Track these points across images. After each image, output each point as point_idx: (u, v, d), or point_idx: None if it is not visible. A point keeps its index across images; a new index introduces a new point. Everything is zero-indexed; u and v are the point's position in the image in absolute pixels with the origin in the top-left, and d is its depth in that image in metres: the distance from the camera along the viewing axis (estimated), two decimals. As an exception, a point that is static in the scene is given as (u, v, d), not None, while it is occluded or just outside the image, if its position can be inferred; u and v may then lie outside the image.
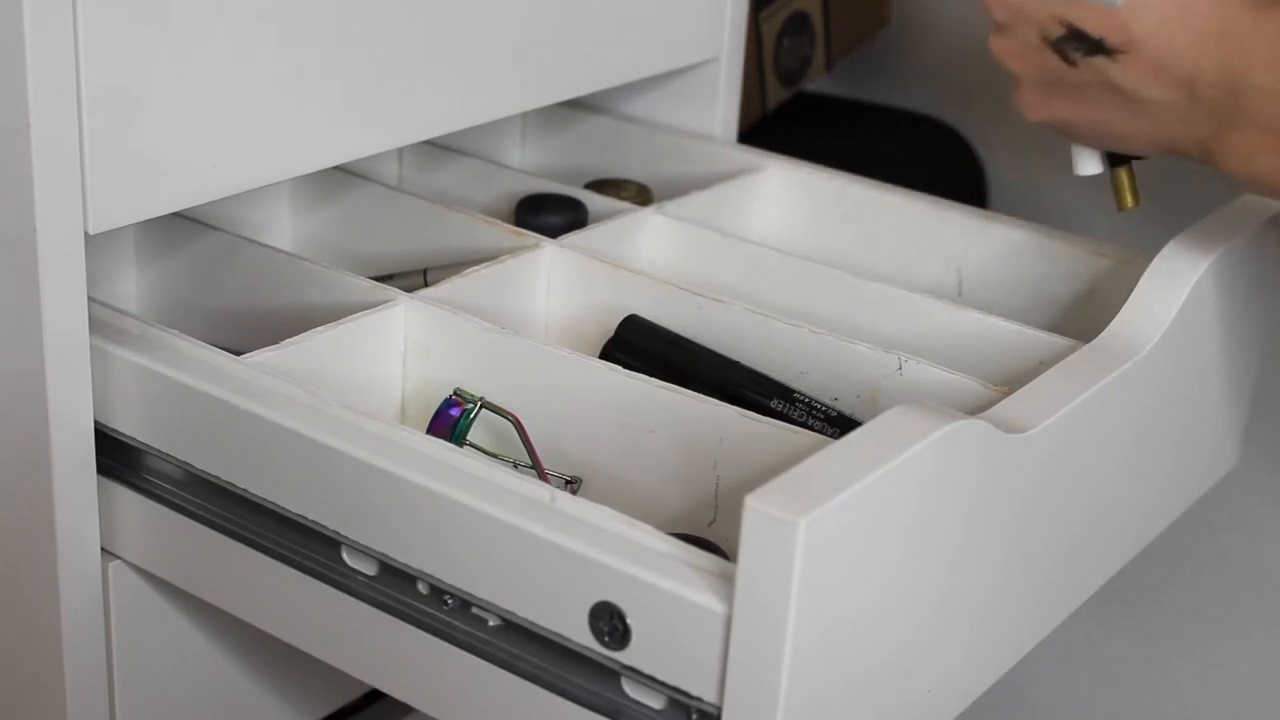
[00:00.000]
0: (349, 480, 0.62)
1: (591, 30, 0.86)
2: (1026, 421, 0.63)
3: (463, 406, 0.71)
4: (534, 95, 0.84)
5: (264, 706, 0.78)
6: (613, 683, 0.57)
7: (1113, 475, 0.71)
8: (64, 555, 0.68)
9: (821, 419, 0.73)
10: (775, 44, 1.16)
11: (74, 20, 0.62)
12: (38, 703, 0.71)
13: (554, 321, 0.81)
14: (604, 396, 0.71)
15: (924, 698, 0.62)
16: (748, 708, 0.53)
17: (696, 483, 0.69)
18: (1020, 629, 0.68)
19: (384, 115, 0.76)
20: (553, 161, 1.00)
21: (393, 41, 0.75)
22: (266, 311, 0.79)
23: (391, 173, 0.94)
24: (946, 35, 1.34)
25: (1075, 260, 0.83)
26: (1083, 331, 0.76)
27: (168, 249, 0.83)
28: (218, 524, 0.67)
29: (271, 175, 0.72)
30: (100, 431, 0.68)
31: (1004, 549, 0.64)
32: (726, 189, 0.90)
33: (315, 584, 0.64)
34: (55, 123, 0.62)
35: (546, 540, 0.57)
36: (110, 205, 0.65)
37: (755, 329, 0.76)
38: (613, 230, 0.84)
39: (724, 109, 0.97)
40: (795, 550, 0.51)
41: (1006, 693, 0.99)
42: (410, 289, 0.76)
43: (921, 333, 0.78)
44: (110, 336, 0.69)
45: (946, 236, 0.86)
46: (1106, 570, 0.75)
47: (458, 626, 0.61)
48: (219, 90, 0.68)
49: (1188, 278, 0.72)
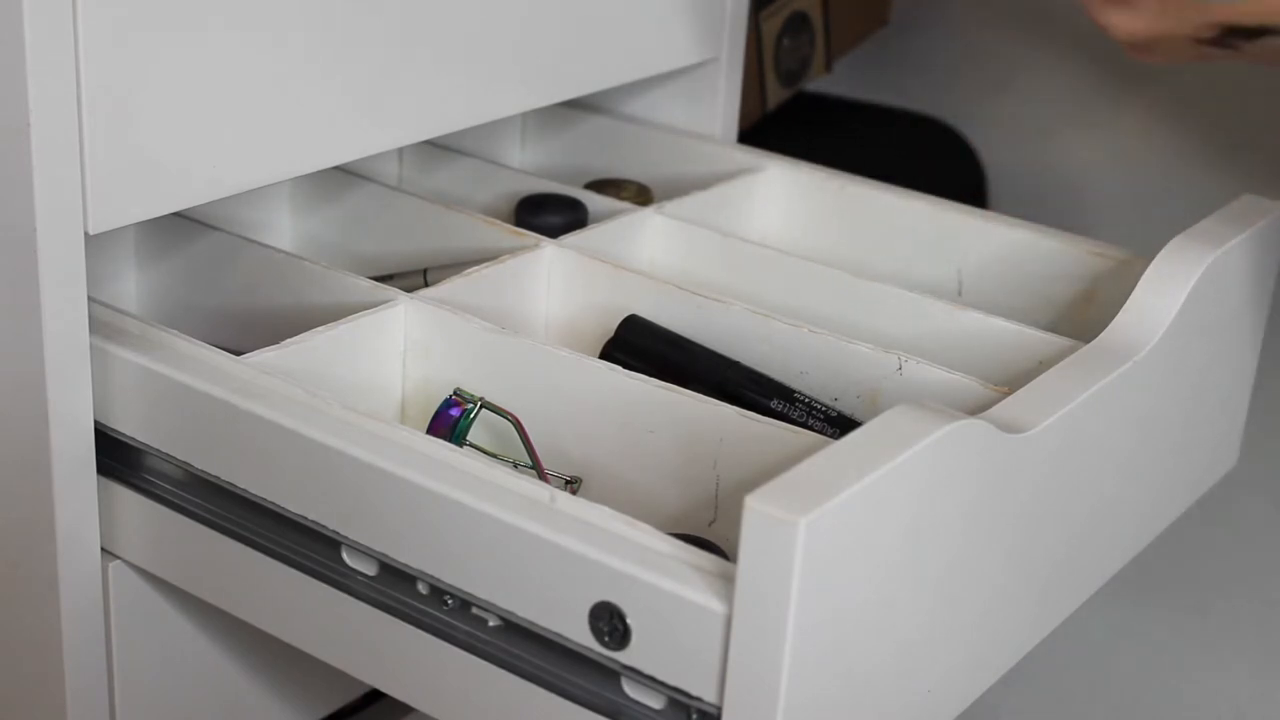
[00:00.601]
0: (349, 480, 0.62)
1: (591, 30, 0.86)
2: (1026, 421, 0.63)
3: (463, 406, 0.71)
4: (534, 95, 0.84)
5: (264, 706, 0.78)
6: (613, 683, 0.57)
7: (1113, 475, 0.71)
8: (64, 555, 0.68)
9: (821, 419, 0.73)
10: (775, 44, 1.16)
11: (74, 20, 0.62)
12: (38, 703, 0.71)
13: (554, 321, 0.81)
14: (604, 396, 0.71)
15: (924, 698, 0.62)
16: (748, 708, 0.53)
17: (696, 483, 0.69)
18: (1020, 629, 0.68)
19: (384, 115, 0.76)
20: (553, 161, 1.00)
21: (393, 41, 0.75)
22: (266, 311, 0.79)
23: (391, 173, 0.94)
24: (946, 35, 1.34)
25: (1075, 260, 0.83)
26: (1083, 331, 0.76)
27: (168, 249, 0.83)
28: (218, 524, 0.67)
29: (271, 175, 0.72)
30: (100, 431, 0.68)
31: (1004, 549, 0.64)
32: (726, 189, 0.90)
33: (315, 584, 0.64)
34: (55, 123, 0.62)
35: (546, 540, 0.57)
36: (110, 205, 0.65)
37: (755, 329, 0.76)
38: (613, 230, 0.84)
39: (724, 109, 0.97)
40: (795, 550, 0.51)
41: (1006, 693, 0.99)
42: (410, 289, 0.76)
43: (921, 333, 0.78)
44: (110, 336, 0.69)
45: (946, 236, 0.87)
46: (1106, 570, 0.75)
47: (458, 626, 0.61)
48: (219, 90, 0.68)
49: (1188, 278, 0.72)
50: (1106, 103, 1.29)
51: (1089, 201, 1.31)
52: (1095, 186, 1.31)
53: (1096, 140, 1.30)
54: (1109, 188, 1.30)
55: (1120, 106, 1.28)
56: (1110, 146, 1.30)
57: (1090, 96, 1.29)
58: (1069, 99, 1.30)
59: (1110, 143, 1.29)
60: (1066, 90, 1.30)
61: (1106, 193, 1.30)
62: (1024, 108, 1.33)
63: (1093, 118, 1.30)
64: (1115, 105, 1.28)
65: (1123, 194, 1.29)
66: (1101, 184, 1.30)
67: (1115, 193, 1.30)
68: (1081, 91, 1.30)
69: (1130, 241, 0.84)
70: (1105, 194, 1.30)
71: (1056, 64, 1.30)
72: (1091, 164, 1.30)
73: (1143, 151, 1.28)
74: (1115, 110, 1.28)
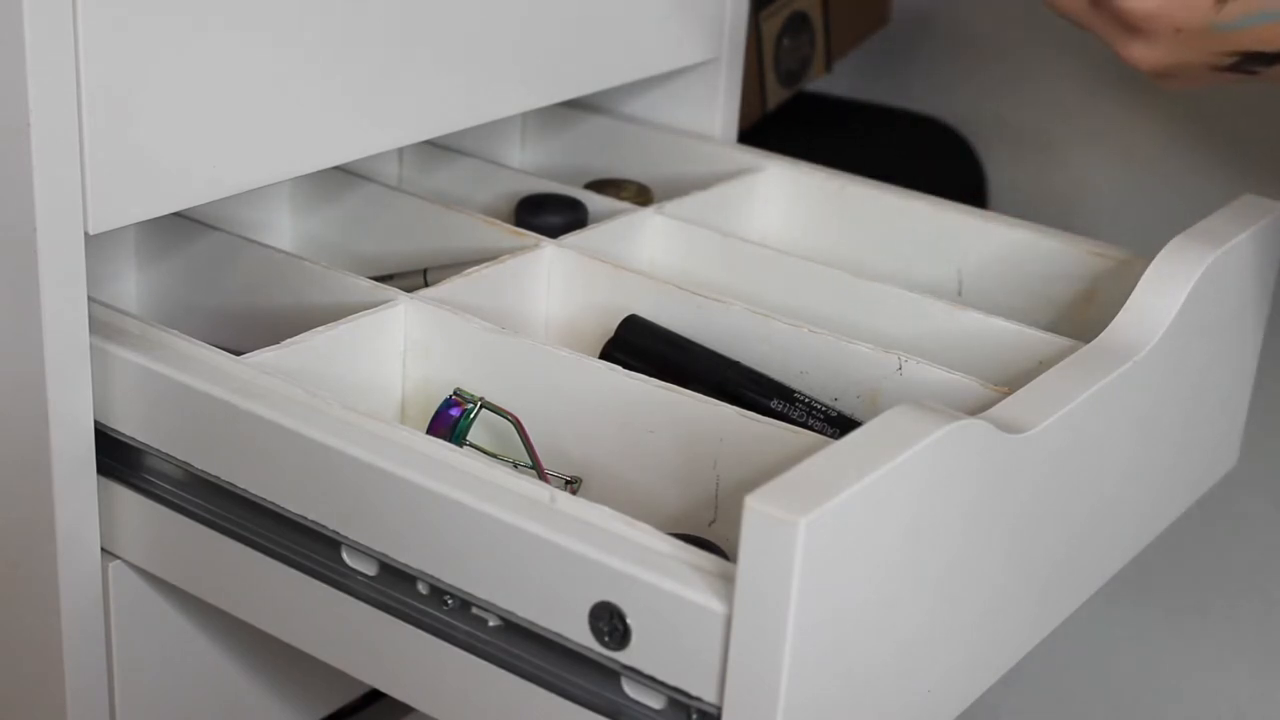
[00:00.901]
0: (349, 480, 0.62)
1: (591, 30, 0.86)
2: (1026, 421, 0.63)
3: (463, 406, 0.71)
4: (534, 95, 0.84)
5: (264, 706, 0.78)
6: (613, 683, 0.57)
7: (1113, 475, 0.71)
8: (64, 555, 0.68)
9: (821, 419, 0.73)
10: (775, 44, 1.16)
11: (74, 20, 0.62)
12: (38, 703, 0.71)
13: (554, 321, 0.81)
14: (604, 396, 0.71)
15: (924, 698, 0.62)
16: (748, 708, 0.53)
17: (696, 483, 0.69)
18: (1020, 629, 0.68)
19: (384, 115, 0.76)
20: (553, 161, 1.00)
21: (393, 41, 0.75)
22: (266, 311, 0.79)
23: (391, 173, 0.94)
24: (946, 35, 1.34)
25: (1075, 260, 0.83)
26: (1083, 331, 0.76)
27: (168, 249, 0.83)
28: (218, 524, 0.67)
29: (271, 175, 0.72)
30: (100, 431, 0.68)
31: (1004, 549, 0.64)
32: (726, 189, 0.90)
33: (315, 584, 0.64)
34: (55, 123, 0.62)
35: (546, 540, 0.57)
36: (110, 205, 0.65)
37: (755, 329, 0.76)
38: (613, 230, 0.84)
39: (724, 109, 0.97)
40: (795, 550, 0.51)
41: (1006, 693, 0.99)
42: (410, 289, 0.76)
43: (921, 333, 0.78)
44: (110, 336, 0.69)
45: (946, 236, 0.86)
46: (1106, 570, 0.75)
47: (458, 626, 0.61)
48: (219, 90, 0.68)
49: (1188, 278, 0.72)
50: (1107, 102, 1.29)
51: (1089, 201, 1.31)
52: (1095, 186, 1.31)
53: (1096, 140, 1.30)
54: (1109, 188, 1.30)
55: (1120, 106, 1.28)
56: (1110, 147, 1.30)
57: (1090, 96, 1.29)
58: (1069, 99, 1.30)
59: (1110, 143, 1.29)
60: (1067, 90, 1.30)
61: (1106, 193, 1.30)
62: (1024, 108, 1.33)
63: (1093, 117, 1.30)
64: (1115, 105, 1.28)
65: (1123, 194, 1.29)
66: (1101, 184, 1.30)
67: (1115, 193, 1.30)
68: (1082, 91, 1.30)
69: (1130, 241, 0.84)
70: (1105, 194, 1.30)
71: (1057, 64, 1.30)
72: (1091, 164, 1.30)
73: (1142, 152, 1.28)
74: (1115, 110, 1.28)
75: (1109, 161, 1.30)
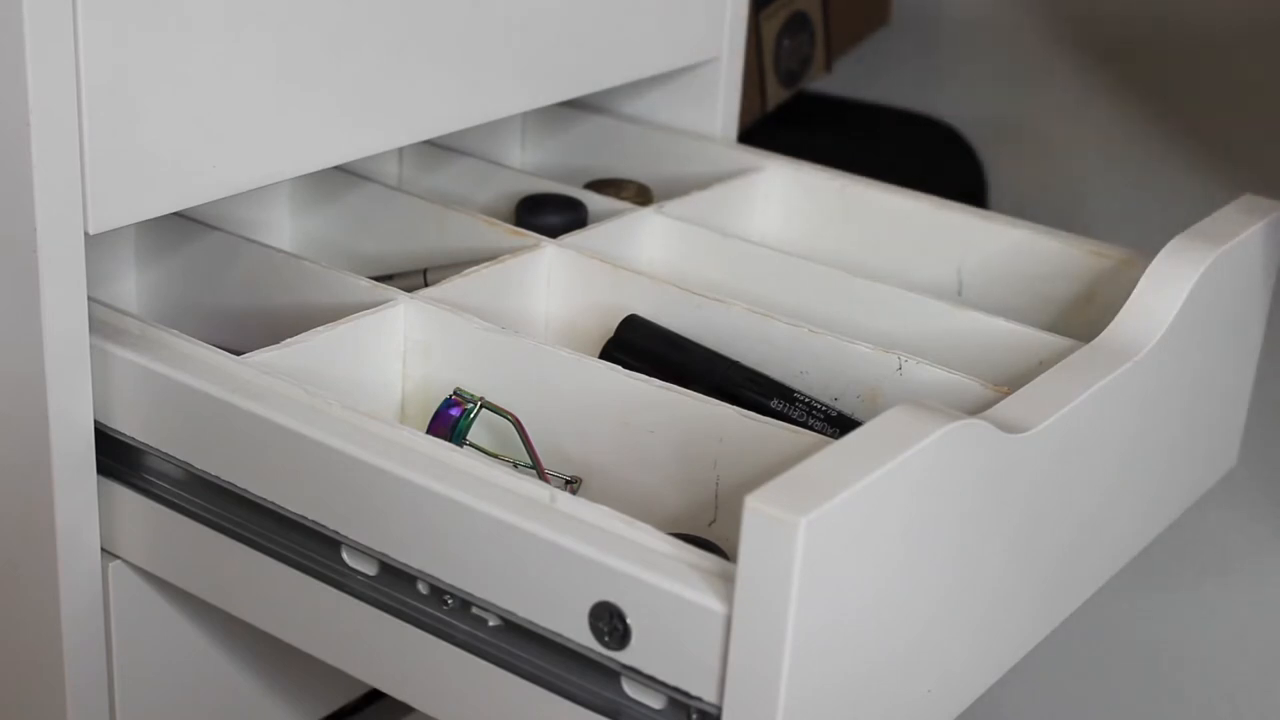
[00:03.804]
0: (349, 480, 0.62)
1: (591, 30, 0.86)
2: (1026, 421, 0.63)
3: (463, 406, 0.71)
4: (534, 95, 0.84)
5: (264, 706, 0.78)
6: (613, 683, 0.57)
7: (1113, 475, 0.71)
8: (64, 555, 0.68)
9: (821, 419, 0.73)
10: (775, 44, 1.16)
11: (74, 20, 0.62)
12: (38, 703, 0.71)
13: (554, 321, 0.81)
14: (604, 396, 0.71)
15: (924, 698, 0.62)
16: (748, 708, 0.54)
17: (696, 483, 0.69)
18: (1020, 629, 0.68)
19: (384, 115, 0.76)
20: (553, 161, 1.00)
21: (392, 41, 0.75)
22: (266, 311, 0.79)
23: (391, 173, 0.94)
24: (946, 35, 1.34)
25: (1075, 260, 0.83)
26: (1083, 331, 0.76)
27: (168, 249, 0.83)
28: (218, 524, 0.67)
29: (271, 175, 0.72)
30: (100, 431, 0.68)
31: (1004, 549, 0.64)
32: (726, 189, 0.90)
33: (315, 584, 0.64)
34: (55, 123, 0.62)
35: (546, 540, 0.57)
36: (110, 205, 0.65)
37: (755, 329, 0.76)
38: (613, 230, 0.84)
39: (724, 109, 0.97)
40: (795, 550, 0.51)
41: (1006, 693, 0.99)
42: (410, 289, 0.76)
43: (921, 333, 0.78)
44: (110, 336, 0.69)
45: (946, 236, 0.87)
46: (1106, 570, 0.75)
47: (458, 626, 0.61)
48: (219, 90, 0.68)
49: (1188, 278, 0.72)
50: (1107, 103, 1.29)
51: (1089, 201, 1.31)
52: (1095, 187, 1.31)
53: (1097, 140, 1.30)
54: (1109, 188, 1.30)
55: (1120, 107, 1.28)
56: (1110, 147, 1.30)
57: (1090, 96, 1.29)
58: (1069, 99, 1.31)
59: (1110, 143, 1.29)
60: (1067, 90, 1.30)
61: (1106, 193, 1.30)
62: (1024, 108, 1.33)
63: (1093, 118, 1.30)
64: (1115, 106, 1.28)
65: (1123, 194, 1.29)
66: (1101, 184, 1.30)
67: (1115, 193, 1.30)
68: (1081, 91, 1.30)
69: (1130, 241, 0.84)
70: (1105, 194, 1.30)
71: (1057, 64, 1.30)
72: (1091, 164, 1.31)
73: (1143, 152, 1.28)
74: (1115, 111, 1.29)
75: (1109, 161, 1.30)
